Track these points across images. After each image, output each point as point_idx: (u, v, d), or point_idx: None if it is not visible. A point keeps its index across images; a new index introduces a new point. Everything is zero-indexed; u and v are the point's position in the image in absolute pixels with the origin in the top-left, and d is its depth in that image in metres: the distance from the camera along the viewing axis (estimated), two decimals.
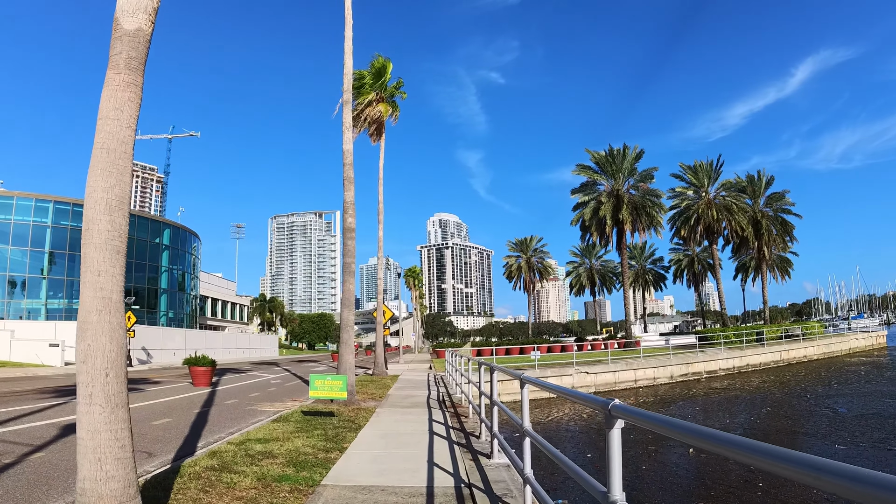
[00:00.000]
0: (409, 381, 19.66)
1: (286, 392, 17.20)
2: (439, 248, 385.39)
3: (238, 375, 25.64)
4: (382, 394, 14.78)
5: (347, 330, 12.86)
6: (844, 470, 1.14)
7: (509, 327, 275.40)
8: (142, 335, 43.05)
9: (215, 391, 17.13)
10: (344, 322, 12.89)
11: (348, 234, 13.44)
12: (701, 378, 31.83)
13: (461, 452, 7.06)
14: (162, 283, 57.70)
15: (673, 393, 27.20)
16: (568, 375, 25.60)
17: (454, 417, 10.39)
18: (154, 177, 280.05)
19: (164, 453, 8.00)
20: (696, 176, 48.48)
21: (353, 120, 24.82)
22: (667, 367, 30.33)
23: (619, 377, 27.99)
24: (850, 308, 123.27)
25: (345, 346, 12.81)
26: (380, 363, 22.28)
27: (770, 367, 36.74)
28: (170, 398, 14.92)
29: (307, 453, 7.00)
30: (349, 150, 14.02)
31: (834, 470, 1.16)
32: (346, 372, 12.46)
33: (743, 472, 11.82)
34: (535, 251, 74.01)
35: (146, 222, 57.13)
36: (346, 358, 12.69)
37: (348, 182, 13.77)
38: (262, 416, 11.49)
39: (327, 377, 9.80)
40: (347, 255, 13.30)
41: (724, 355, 34.16)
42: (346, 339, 12.81)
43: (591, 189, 40.68)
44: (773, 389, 26.44)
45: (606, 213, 37.98)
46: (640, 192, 39.58)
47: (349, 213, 13.57)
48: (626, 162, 40.15)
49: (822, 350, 43.05)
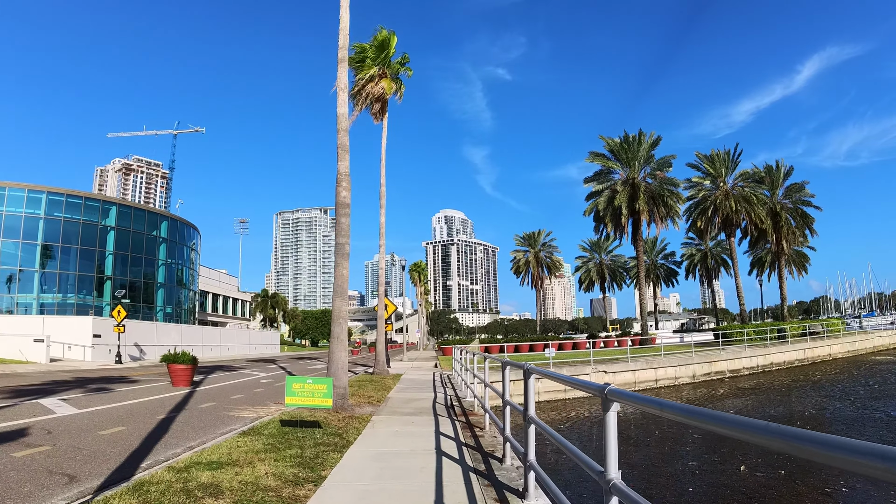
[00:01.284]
0: (412, 382, 17.72)
1: (273, 394, 15.30)
2: (445, 244, 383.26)
3: (227, 374, 23.78)
4: (381, 397, 12.83)
5: (339, 323, 10.90)
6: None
7: (515, 324, 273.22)
8: (134, 330, 41.30)
9: (194, 392, 15.25)
10: (336, 313, 10.93)
11: (342, 210, 11.49)
12: (724, 377, 29.80)
13: (481, 487, 5.09)
14: (159, 277, 55.94)
15: (698, 394, 25.18)
16: (585, 375, 23.60)
17: (466, 429, 8.44)
18: (159, 172, 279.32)
19: (90, 478, 6.08)
20: (712, 165, 46.30)
21: (354, 97, 22.90)
22: (688, 366, 28.29)
23: (639, 377, 25.98)
24: (860, 306, 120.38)
25: (336, 342, 10.86)
26: (381, 361, 20.30)
27: (795, 366, 34.71)
28: (137, 400, 13.03)
29: (268, 488, 5.05)
30: (344, 113, 12.06)
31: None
32: (336, 372, 10.53)
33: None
34: (543, 245, 71.85)
35: (143, 214, 55.36)
36: (337, 356, 10.75)
37: (342, 150, 11.82)
38: (236, 424, 9.58)
39: (308, 380, 7.80)
40: (340, 234, 11.35)
41: (748, 353, 32.10)
42: (338, 334, 10.86)
43: (606, 178, 38.55)
44: (808, 391, 24.36)
45: (622, 203, 35.86)
46: (657, 181, 37.45)
47: (343, 185, 11.61)
48: (642, 149, 38.00)
49: (847, 348, 40.91)
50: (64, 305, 49.68)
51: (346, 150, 11.91)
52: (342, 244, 11.26)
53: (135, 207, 56.23)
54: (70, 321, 39.04)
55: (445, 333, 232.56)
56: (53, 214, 50.21)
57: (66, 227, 50.23)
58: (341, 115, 12.06)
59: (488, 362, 8.98)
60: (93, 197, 51.85)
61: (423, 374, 22.02)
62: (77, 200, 51.09)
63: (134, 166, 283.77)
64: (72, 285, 51.00)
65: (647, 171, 38.20)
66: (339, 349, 10.76)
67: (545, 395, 22.49)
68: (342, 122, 12.02)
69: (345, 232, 11.35)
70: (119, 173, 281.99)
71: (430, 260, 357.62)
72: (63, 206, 50.29)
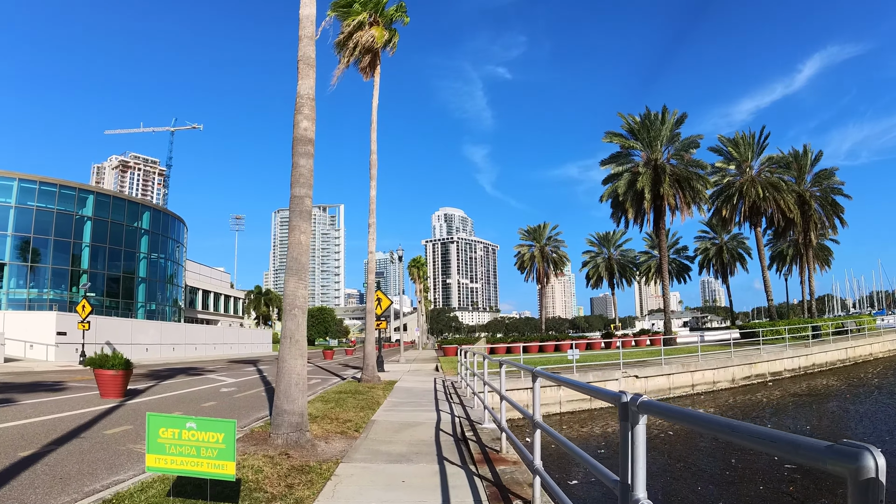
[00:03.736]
0: (408, 392, 14.01)
1: (225, 410, 11.64)
2: (444, 242, 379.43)
3: (188, 379, 20.05)
4: (363, 420, 9.09)
5: (294, 315, 7.18)
6: None
7: (515, 323, 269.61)
8: (105, 328, 37.59)
9: (121, 406, 11.57)
10: (289, 299, 7.23)
11: (301, 148, 7.78)
12: (766, 381, 26.19)
13: None
14: (140, 271, 52.18)
15: (744, 400, 21.50)
16: (614, 380, 19.92)
17: (491, 486, 4.83)
18: (156, 170, 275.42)
19: None
20: (737, 149, 42.56)
21: (339, 48, 19.19)
22: (728, 369, 24.63)
23: (675, 381, 22.30)
24: (868, 304, 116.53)
25: (289, 345, 7.14)
26: (370, 366, 16.44)
27: (837, 367, 31.20)
28: (27, 421, 9.33)
29: None
30: (309, 15, 8.35)
31: None
32: (288, 390, 6.85)
33: None
34: (549, 239, 68.02)
35: (122, 204, 51.60)
36: (289, 365, 7.03)
37: (305, 66, 8.11)
38: (125, 472, 5.94)
39: (190, 422, 3.96)
40: (299, 182, 7.65)
41: (790, 353, 28.46)
42: (291, 331, 7.15)
43: (625, 159, 34.75)
44: (877, 397, 20.64)
45: (645, 186, 32.09)
46: (682, 163, 33.69)
47: (304, 112, 7.90)
48: (665, 128, 34.23)
49: (888, 347, 37.29)
50: (36, 301, 46.00)
51: (312, 64, 8.19)
52: (301, 197, 7.55)
53: (114, 196, 52.39)
54: (32, 317, 35.37)
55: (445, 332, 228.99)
56: (26, 203, 46.51)
57: (39, 216, 46.51)
58: (305, 18, 8.35)
59: (536, 382, 5.41)
60: (68, 185, 48.04)
61: (421, 380, 18.31)
62: (51, 188, 47.37)
63: (131, 163, 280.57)
64: (45, 280, 47.30)
65: (670, 151, 34.42)
66: (292, 354, 7.06)
67: (568, 404, 18.83)
68: (306, 27, 8.31)
69: (305, 180, 7.64)
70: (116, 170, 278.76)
71: (430, 258, 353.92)
72: (36, 195, 46.57)
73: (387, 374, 20.35)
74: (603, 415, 18.15)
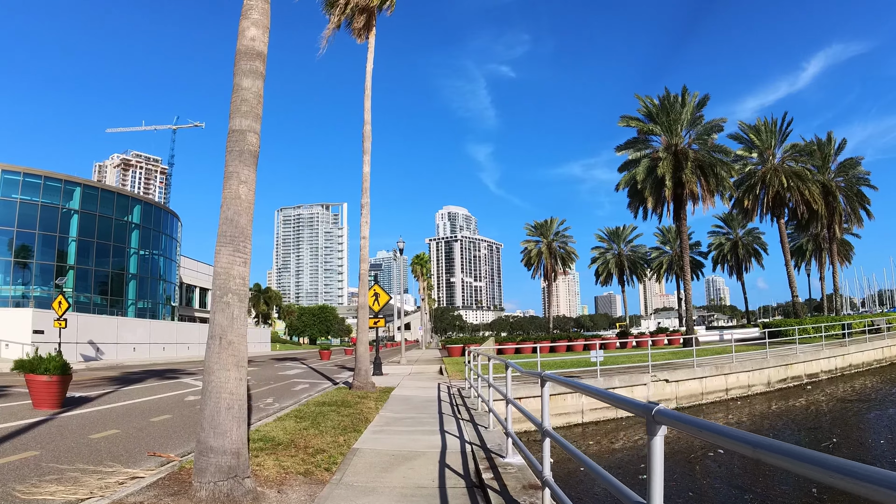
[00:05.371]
0: (406, 404, 11.64)
1: (178, 428, 9.32)
2: (448, 241, 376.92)
3: (156, 384, 17.71)
4: (341, 449, 6.68)
5: (224, 305, 4.78)
6: None
7: (520, 321, 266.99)
8: (88, 326, 35.36)
9: (45, 422, 9.25)
10: (219, 279, 4.85)
11: (246, 65, 5.38)
12: (802, 383, 23.77)
13: None
14: (130, 267, 49.95)
15: (789, 407, 19.08)
16: (641, 385, 17.53)
17: None
18: (158, 168, 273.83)
19: None
20: (759, 137, 40.04)
21: (329, 6, 16.85)
22: (763, 371, 22.19)
23: (707, 385, 19.88)
24: (879, 302, 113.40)
25: (218, 346, 4.70)
26: (363, 370, 13.81)
27: (874, 368, 28.81)
28: None
29: None
30: None
31: None
32: (215, 416, 4.52)
33: None
34: (556, 235, 65.62)
35: (111, 197, 49.34)
36: (218, 379, 4.60)
37: None
38: None
39: None
40: (240, 111, 5.25)
41: (827, 353, 26.03)
42: (224, 329, 4.72)
43: (643, 144, 32.27)
44: None
45: (666, 172, 29.62)
46: (704, 148, 31.23)
47: (252, 18, 5.53)
48: (686, 111, 31.76)
49: None
50: (21, 298, 43.84)
51: None
52: (242, 132, 5.17)
53: (102, 189, 50.12)
54: (7, 315, 33.19)
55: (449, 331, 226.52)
56: (10, 196, 44.37)
57: (23, 209, 44.35)
58: None
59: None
60: (53, 176, 45.84)
61: (423, 386, 15.94)
62: (36, 180, 45.18)
63: (133, 161, 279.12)
64: (29, 276, 45.14)
65: (691, 136, 31.96)
66: (222, 363, 4.68)
67: (591, 413, 16.45)
68: None
69: (250, 108, 5.27)
70: (118, 168, 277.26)
71: (434, 256, 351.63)
72: (20, 187, 44.39)
73: (384, 379, 18.01)
74: (633, 425, 15.79)
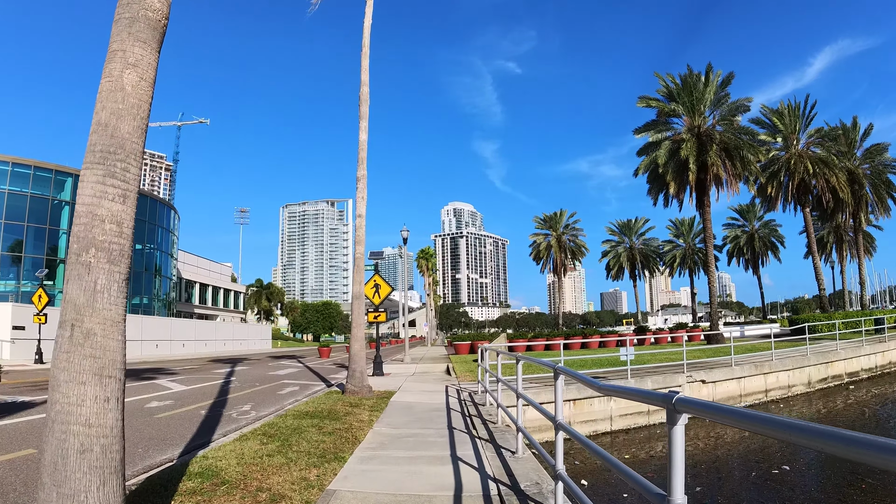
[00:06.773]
0: (407, 413, 9.55)
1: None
2: (454, 237, 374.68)
3: (129, 385, 15.74)
4: (312, 493, 4.63)
5: (81, 267, 2.87)
6: None
7: (526, 318, 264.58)
8: None
9: None
10: (82, 218, 2.92)
11: None
12: (843, 382, 21.66)
13: None
14: None
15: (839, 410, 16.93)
16: (677, 387, 15.42)
17: None
18: (163, 165, 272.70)
19: None
20: (782, 121, 37.78)
21: None
22: (803, 370, 20.05)
23: (746, 386, 17.75)
24: (890, 299, 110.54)
25: (69, 341, 2.70)
26: (357, 372, 11.76)
27: None
28: None
29: None
30: None
31: None
32: (62, 461, 2.52)
33: None
34: (566, 227, 63.26)
35: None
36: (64, 399, 2.58)
37: None
38: None
39: None
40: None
41: (867, 350, 23.86)
42: (80, 308, 2.77)
43: (664, 126, 29.98)
44: None
45: (689, 155, 27.37)
46: (729, 130, 28.96)
47: None
48: (709, 90, 29.49)
49: None
50: (10, 294, 42.08)
51: None
52: (121, 50, 3.15)
53: None
54: None
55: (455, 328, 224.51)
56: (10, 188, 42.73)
57: (12, 200, 42.63)
58: None
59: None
60: (44, 166, 44.07)
61: (428, 389, 13.87)
62: (25, 170, 43.45)
63: None
64: (17, 270, 43.42)
65: (716, 116, 29.68)
66: (72, 369, 2.62)
67: (619, 420, 14.35)
68: None
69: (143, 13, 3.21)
70: None
71: (440, 252, 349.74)
72: (8, 177, 42.66)
73: (384, 380, 15.97)
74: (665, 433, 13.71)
